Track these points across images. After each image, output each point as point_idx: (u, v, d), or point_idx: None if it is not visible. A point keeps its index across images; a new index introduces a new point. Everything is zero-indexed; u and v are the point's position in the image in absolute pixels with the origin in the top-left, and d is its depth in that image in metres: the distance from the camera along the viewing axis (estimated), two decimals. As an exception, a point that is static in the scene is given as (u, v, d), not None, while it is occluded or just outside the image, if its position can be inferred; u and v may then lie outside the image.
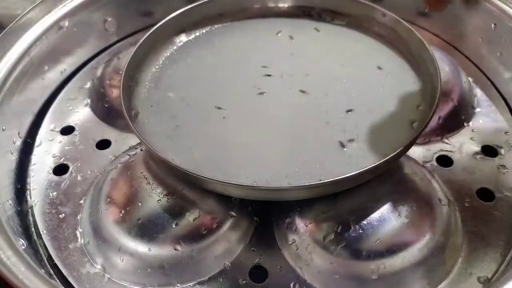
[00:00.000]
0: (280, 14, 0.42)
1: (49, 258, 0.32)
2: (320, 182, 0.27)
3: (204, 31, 0.41)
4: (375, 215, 0.29)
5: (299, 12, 0.41)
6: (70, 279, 0.31)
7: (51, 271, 0.31)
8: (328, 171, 0.28)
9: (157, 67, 0.38)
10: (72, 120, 0.40)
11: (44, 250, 0.32)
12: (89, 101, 0.42)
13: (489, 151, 0.36)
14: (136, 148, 0.35)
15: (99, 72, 0.42)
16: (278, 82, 0.35)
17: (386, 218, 0.29)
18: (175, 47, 0.40)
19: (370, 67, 0.36)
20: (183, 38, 0.40)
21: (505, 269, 0.29)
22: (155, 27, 0.38)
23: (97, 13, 0.46)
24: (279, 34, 0.40)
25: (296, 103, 0.34)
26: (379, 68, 0.36)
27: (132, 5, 0.48)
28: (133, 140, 0.37)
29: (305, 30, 0.40)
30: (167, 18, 0.39)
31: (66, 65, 0.45)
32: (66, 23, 0.44)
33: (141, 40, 0.37)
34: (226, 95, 0.35)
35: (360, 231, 0.29)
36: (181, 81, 0.37)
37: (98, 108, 0.41)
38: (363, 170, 0.27)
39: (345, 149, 0.30)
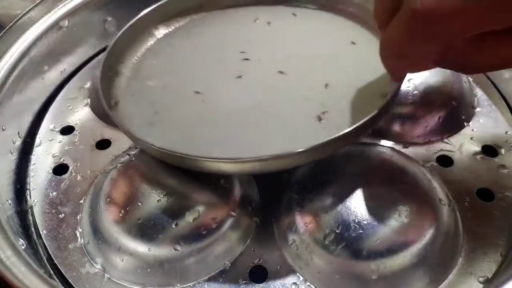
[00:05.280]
0: (259, 2, 0.42)
1: (49, 258, 0.32)
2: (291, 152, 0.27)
3: (183, 22, 0.41)
4: (375, 215, 0.29)
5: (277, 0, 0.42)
6: (70, 279, 0.31)
7: (51, 271, 0.31)
8: (304, 144, 0.28)
9: (137, 58, 0.39)
10: (72, 120, 0.40)
11: (44, 250, 0.32)
12: (89, 100, 0.42)
13: (489, 151, 0.36)
14: (136, 148, 0.35)
15: (98, 71, 0.42)
16: (256, 65, 0.36)
17: (386, 218, 0.29)
18: (155, 39, 0.40)
19: (345, 44, 0.37)
20: (162, 30, 0.41)
21: (506, 269, 0.29)
22: (134, 19, 0.39)
23: (97, 13, 0.46)
24: (257, 21, 0.40)
25: (274, 83, 0.34)
26: (353, 43, 0.37)
27: (131, 5, 0.48)
28: None
29: (282, 15, 0.41)
30: (146, 10, 0.40)
31: (66, 65, 0.45)
32: (66, 23, 0.44)
33: (120, 33, 0.38)
34: (205, 80, 0.35)
35: (360, 231, 0.28)
36: (160, 70, 0.37)
37: (98, 108, 0.41)
38: (334, 136, 0.28)
39: (322, 121, 0.31)
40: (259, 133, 0.31)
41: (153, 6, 0.40)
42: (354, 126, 0.28)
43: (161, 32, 0.40)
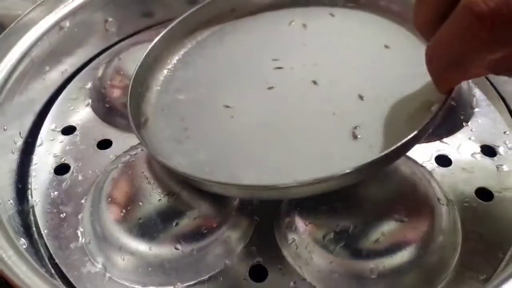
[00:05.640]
0: (294, 3, 0.40)
1: (50, 257, 0.32)
2: (326, 176, 0.25)
3: (215, 29, 0.40)
4: (374, 215, 0.29)
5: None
6: (71, 278, 0.31)
7: (52, 271, 0.31)
8: (340, 165, 0.26)
9: (167, 70, 0.38)
10: (73, 120, 0.41)
11: (45, 249, 0.33)
12: (90, 101, 0.42)
13: (488, 151, 0.36)
14: (137, 148, 0.35)
15: (100, 72, 0.42)
16: (289, 75, 0.34)
17: (385, 218, 0.29)
18: (186, 49, 0.39)
19: (379, 48, 0.34)
20: (194, 39, 0.40)
21: (504, 268, 0.29)
22: (165, 31, 0.38)
23: (98, 13, 0.46)
24: (292, 24, 0.38)
25: (306, 95, 0.32)
26: (387, 47, 0.34)
27: (132, 5, 0.48)
28: (134, 140, 0.37)
29: (319, 16, 0.38)
30: (176, 21, 0.38)
31: (67, 66, 0.45)
32: (67, 24, 0.44)
33: (150, 46, 0.37)
34: (235, 93, 0.34)
35: (359, 231, 0.29)
36: (191, 83, 0.36)
37: (99, 108, 0.41)
38: (379, 156, 0.25)
39: (358, 139, 0.29)
40: (290, 154, 0.29)
41: (183, 16, 0.39)
42: (401, 142, 0.25)
43: (192, 41, 0.39)
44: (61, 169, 0.37)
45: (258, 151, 0.30)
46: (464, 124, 0.38)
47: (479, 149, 0.36)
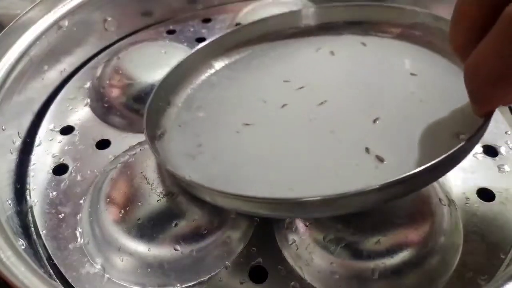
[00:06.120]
0: (325, 32, 0.40)
1: (49, 258, 0.32)
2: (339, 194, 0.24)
3: (244, 54, 0.40)
4: (375, 215, 0.29)
5: (345, 28, 0.40)
6: (70, 279, 0.31)
7: (51, 271, 0.31)
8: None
9: (192, 89, 0.38)
10: (72, 120, 0.41)
11: (44, 250, 0.32)
12: (88, 100, 0.42)
13: (489, 150, 0.36)
14: (135, 148, 0.35)
15: (99, 71, 0.42)
16: (308, 98, 0.34)
17: (386, 218, 0.29)
18: (213, 70, 0.39)
19: (407, 75, 0.33)
20: (222, 61, 0.40)
21: (506, 269, 0.29)
22: (193, 51, 0.38)
23: (97, 12, 0.46)
24: (319, 51, 0.38)
25: (321, 118, 0.32)
26: (413, 74, 0.33)
27: (131, 4, 0.48)
28: (133, 140, 0.37)
29: (350, 45, 0.38)
30: (206, 42, 0.39)
31: (66, 65, 0.45)
32: (66, 23, 0.44)
33: (176, 64, 0.37)
34: (254, 113, 0.34)
35: (360, 231, 0.28)
36: (213, 102, 0.36)
37: (98, 107, 0.41)
38: (397, 178, 0.23)
39: (377, 166, 0.28)
40: (302, 175, 0.29)
41: (213, 38, 0.39)
42: (425, 166, 0.23)
43: (220, 63, 0.40)
44: (60, 169, 0.37)
45: (271, 171, 0.30)
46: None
47: (480, 149, 0.36)
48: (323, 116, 0.32)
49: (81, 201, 0.34)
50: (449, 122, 0.28)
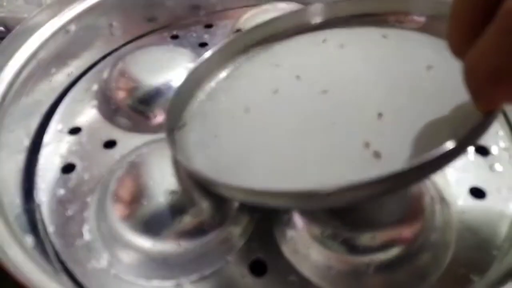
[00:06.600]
0: (342, 24, 0.39)
1: (56, 255, 0.32)
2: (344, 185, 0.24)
3: (265, 48, 0.41)
4: (370, 213, 0.30)
5: (365, 20, 0.38)
6: (77, 275, 0.31)
7: (58, 268, 0.32)
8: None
9: (214, 83, 0.39)
10: (79, 121, 0.41)
11: (51, 247, 0.33)
12: (96, 102, 0.43)
13: (481, 150, 0.37)
14: (141, 148, 0.36)
15: (105, 74, 0.43)
16: (313, 92, 0.34)
17: (380, 215, 0.30)
18: (236, 64, 0.40)
19: (423, 68, 0.32)
20: (243, 55, 0.41)
21: (497, 267, 0.30)
22: (217, 47, 0.39)
23: (103, 18, 0.47)
24: (328, 43, 0.38)
25: (325, 110, 0.32)
26: (430, 67, 0.31)
27: (137, 10, 0.48)
28: (139, 140, 0.38)
29: (369, 38, 0.37)
30: (230, 38, 0.40)
31: (73, 68, 0.45)
32: (73, 27, 0.44)
33: (201, 59, 0.38)
34: (271, 107, 0.35)
35: (356, 227, 0.29)
36: (235, 95, 0.37)
37: (104, 109, 0.42)
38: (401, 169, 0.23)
39: (380, 158, 0.28)
40: (310, 168, 0.29)
41: (233, 37, 0.40)
42: (424, 160, 0.23)
43: (241, 57, 0.40)
44: (67, 168, 0.37)
45: (275, 164, 0.30)
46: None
47: (472, 149, 0.37)
48: (326, 108, 0.32)
49: (88, 199, 0.35)
50: (455, 121, 0.27)
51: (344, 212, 0.30)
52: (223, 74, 0.40)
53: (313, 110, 0.33)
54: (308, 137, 0.31)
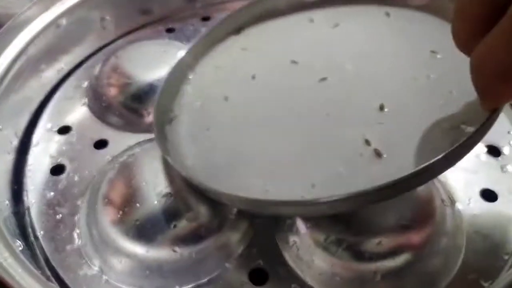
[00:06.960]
0: (332, 3, 0.37)
1: (46, 259, 0.32)
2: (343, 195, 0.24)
3: (257, 26, 0.39)
4: (377, 216, 0.29)
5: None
6: (67, 281, 0.30)
7: (48, 273, 0.31)
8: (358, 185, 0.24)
9: (203, 71, 0.38)
10: (69, 120, 0.40)
11: (41, 251, 0.32)
12: (86, 100, 0.42)
13: (492, 151, 0.36)
14: (134, 148, 0.35)
15: (96, 70, 0.42)
16: (308, 79, 0.33)
17: (387, 219, 0.29)
18: (224, 52, 0.38)
19: (426, 54, 0.31)
20: (234, 37, 0.39)
21: (509, 270, 0.29)
22: (209, 29, 0.38)
23: (95, 11, 0.46)
24: (333, 24, 0.36)
25: (323, 104, 0.31)
26: (433, 52, 0.30)
27: (129, 3, 0.48)
28: (131, 139, 0.37)
29: (372, 16, 0.35)
30: (219, 21, 0.39)
31: (63, 64, 0.45)
32: (64, 22, 0.44)
33: (191, 44, 0.37)
34: (260, 96, 0.34)
35: (361, 233, 0.28)
36: (222, 83, 0.36)
37: (95, 107, 0.41)
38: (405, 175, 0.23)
39: (382, 158, 0.27)
40: (302, 167, 0.28)
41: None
42: (428, 162, 0.23)
43: (232, 37, 0.39)
44: (57, 169, 0.37)
45: (270, 162, 0.29)
46: (468, 123, 0.37)
47: (483, 150, 0.36)
48: (325, 98, 0.31)
49: (79, 202, 0.34)
50: (459, 115, 0.26)
51: (349, 216, 0.29)
52: (212, 62, 0.38)
53: (311, 100, 0.31)
54: (306, 130, 0.30)
